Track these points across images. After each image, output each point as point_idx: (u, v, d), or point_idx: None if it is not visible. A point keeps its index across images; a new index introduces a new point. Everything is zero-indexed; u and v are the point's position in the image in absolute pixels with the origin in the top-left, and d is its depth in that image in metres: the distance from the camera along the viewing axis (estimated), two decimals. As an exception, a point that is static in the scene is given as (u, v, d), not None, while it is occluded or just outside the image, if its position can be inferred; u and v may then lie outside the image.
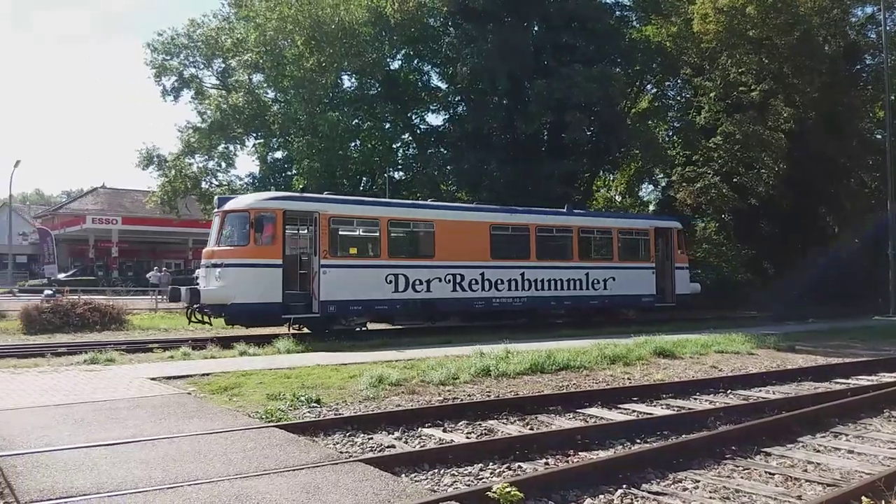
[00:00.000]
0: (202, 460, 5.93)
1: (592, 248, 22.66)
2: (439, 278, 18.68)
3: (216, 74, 36.18)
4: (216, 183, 35.38)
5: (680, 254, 23.76)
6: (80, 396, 8.94)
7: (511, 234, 20.91)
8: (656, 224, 24.04)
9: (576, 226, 21.81)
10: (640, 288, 22.66)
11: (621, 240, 22.77)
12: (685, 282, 23.70)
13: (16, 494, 5.05)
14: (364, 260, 18.21)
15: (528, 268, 20.39)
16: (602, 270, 21.91)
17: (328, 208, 17.49)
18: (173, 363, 12.29)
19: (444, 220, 19.37)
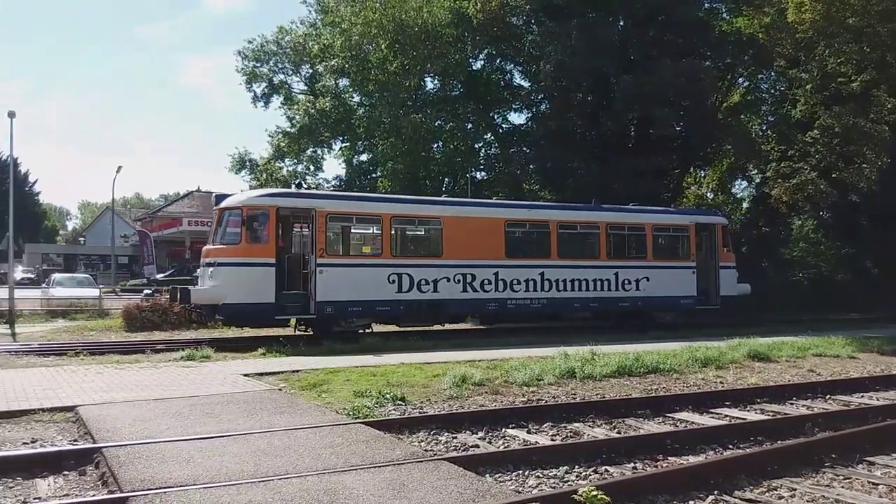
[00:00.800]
0: (292, 455, 6.09)
1: (623, 245, 21.14)
2: (447, 278, 17.71)
3: (304, 80, 37.16)
4: (305, 186, 36.31)
5: (726, 251, 21.98)
6: (177, 391, 9.35)
7: (529, 230, 20.02)
8: (698, 219, 22.18)
9: (603, 222, 20.27)
10: (679, 289, 20.90)
11: (657, 237, 21.21)
12: (732, 282, 21.82)
13: (119, 483, 5.32)
14: (364, 259, 17.64)
15: (549, 267, 19.11)
16: (634, 270, 20.36)
17: (325, 205, 16.86)
18: (265, 360, 12.69)
19: (453, 216, 18.30)
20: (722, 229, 22.08)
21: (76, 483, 5.81)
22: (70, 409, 8.19)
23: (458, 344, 15.45)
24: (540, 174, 31.34)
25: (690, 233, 21.47)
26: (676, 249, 21.83)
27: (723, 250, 21.79)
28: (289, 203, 16.83)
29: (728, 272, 21.84)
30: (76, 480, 5.88)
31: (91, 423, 7.34)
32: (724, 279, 21.60)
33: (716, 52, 29.92)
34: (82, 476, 5.96)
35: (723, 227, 22.20)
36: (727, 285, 21.63)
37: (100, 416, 7.71)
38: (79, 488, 5.67)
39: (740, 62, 31.19)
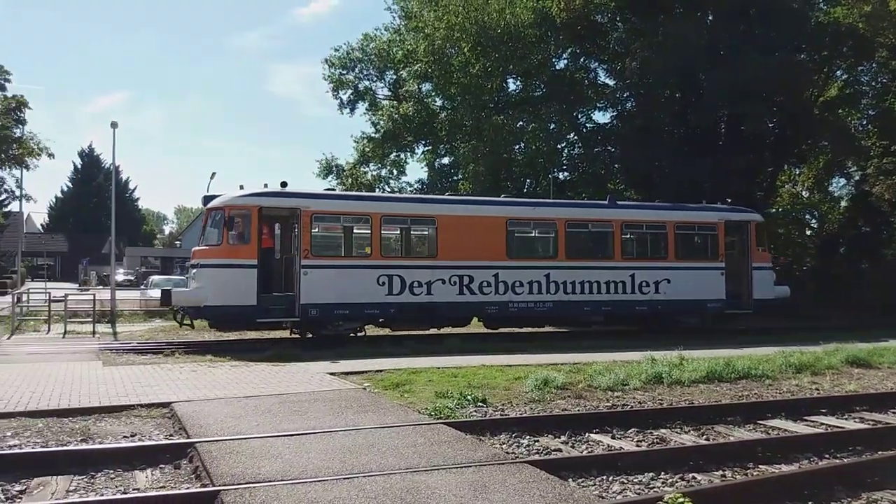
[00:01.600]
0: (376, 453, 6.18)
1: (640, 244, 20.17)
2: (442, 280, 16.93)
3: (388, 86, 37.71)
4: (388, 189, 36.89)
5: (760, 251, 20.33)
6: (266, 389, 9.65)
7: (533, 230, 19.20)
8: (727, 216, 20.37)
9: (617, 220, 19.07)
10: (705, 291, 19.36)
11: (679, 235, 19.66)
12: (767, 284, 20.11)
13: (211, 477, 5.53)
14: (352, 260, 17.11)
15: (555, 268, 18.09)
16: (653, 271, 19.04)
17: (310, 204, 16.30)
18: (350, 360, 12.91)
19: (449, 215, 17.53)
20: (756, 227, 20.44)
21: (171, 476, 6.08)
22: (166, 406, 8.58)
23: (541, 347, 15.32)
24: (625, 174, 30.75)
25: (719, 231, 19.90)
26: (703, 249, 20.26)
27: (756, 250, 20.16)
28: (272, 203, 16.30)
29: (763, 273, 20.15)
30: (171, 473, 6.15)
31: (185, 419, 7.66)
32: (757, 281, 19.92)
33: (811, 44, 28.59)
34: (177, 469, 6.23)
35: (757, 225, 20.55)
36: (762, 287, 19.93)
37: (193, 412, 8.04)
38: (174, 481, 5.92)
39: (838, 54, 29.70)
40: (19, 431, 7.43)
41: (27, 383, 10.15)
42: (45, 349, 15.40)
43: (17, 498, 5.47)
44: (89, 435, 7.33)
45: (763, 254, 20.46)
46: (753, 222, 20.45)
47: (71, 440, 7.13)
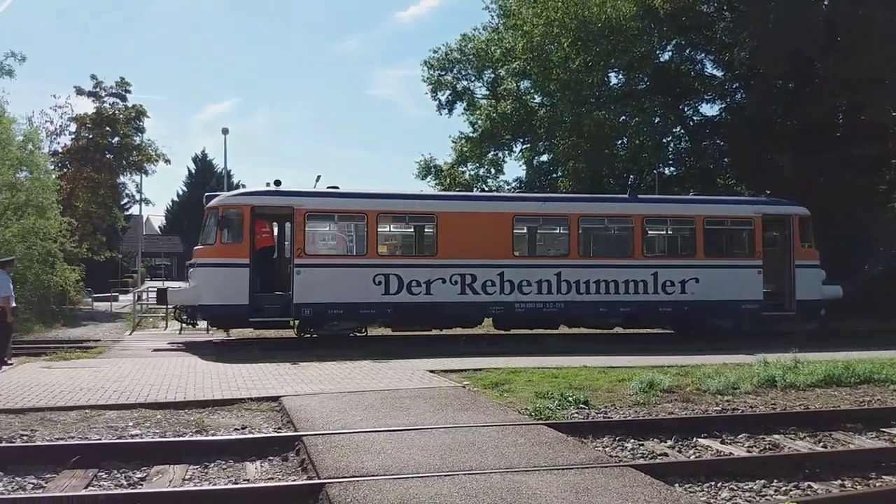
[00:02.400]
0: (475, 451, 6.18)
1: (664, 241, 18.86)
2: (442, 279, 16.26)
3: (486, 85, 37.72)
4: (486, 189, 36.90)
5: (805, 248, 18.37)
6: (368, 385, 9.84)
7: (542, 226, 18.16)
8: (765, 210, 18.45)
9: (638, 214, 17.61)
10: (739, 291, 17.67)
11: (709, 231, 18.10)
12: (813, 284, 18.10)
13: (317, 470, 5.69)
14: (346, 258, 16.73)
15: (567, 266, 17.00)
16: (678, 269, 17.54)
17: (304, 202, 16.11)
18: (449, 358, 12.99)
19: (450, 211, 16.83)
20: (799, 221, 18.42)
21: (279, 468, 6.29)
22: (274, 399, 8.90)
23: (643, 349, 14.94)
24: (735, 168, 29.50)
25: (755, 225, 18.11)
26: (736, 245, 18.78)
27: (800, 246, 18.26)
28: (265, 201, 16.24)
29: (808, 272, 18.14)
30: (279, 465, 6.36)
31: (293, 413, 7.92)
32: (801, 280, 18.02)
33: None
34: (285, 462, 6.44)
35: (800, 219, 18.48)
36: (806, 287, 18.00)
37: (300, 406, 8.30)
38: (282, 473, 6.13)
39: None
40: (140, 422, 7.90)
41: (147, 377, 10.78)
42: (163, 345, 16.30)
43: (137, 484, 5.81)
44: (203, 426, 7.70)
45: (808, 250, 18.44)
46: (797, 216, 18.44)
47: (186, 431, 7.52)
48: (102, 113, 37.94)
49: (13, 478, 5.92)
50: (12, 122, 31.88)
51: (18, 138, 31.69)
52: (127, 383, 10.10)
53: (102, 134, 37.55)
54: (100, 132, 37.49)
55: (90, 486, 5.70)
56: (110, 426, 7.69)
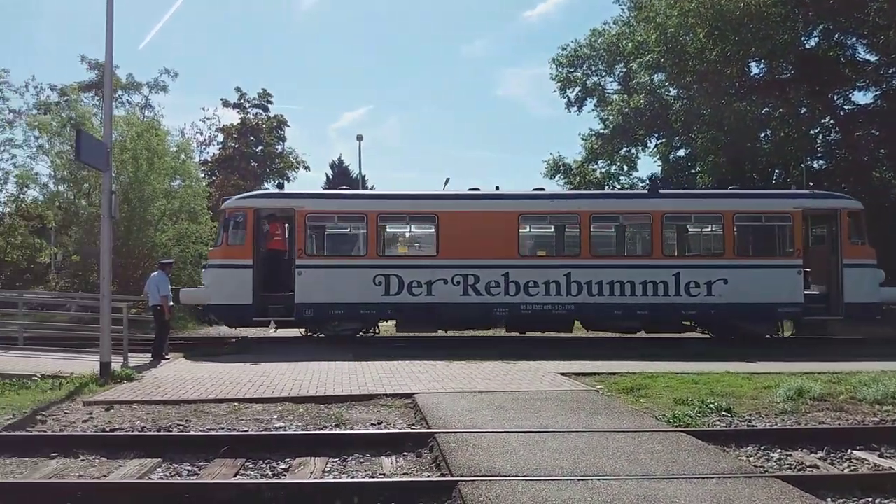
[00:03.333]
0: (610, 456, 6.04)
1: (687, 239, 17.54)
2: (444, 280, 15.90)
3: (617, 80, 36.87)
4: (618, 186, 36.06)
5: (856, 245, 16.40)
6: (499, 385, 9.85)
7: (550, 224, 17.18)
8: (806, 204, 16.71)
9: (657, 211, 16.38)
10: (775, 294, 16.05)
11: (741, 227, 16.69)
12: (867, 285, 16.19)
13: (450, 468, 5.75)
14: (346, 259, 16.61)
15: (577, 266, 16.15)
16: (704, 270, 16.22)
17: (305, 204, 16.32)
18: (582, 361, 12.78)
19: (452, 211, 16.33)
20: (848, 216, 16.57)
21: (413, 464, 6.41)
22: (408, 396, 9.10)
23: (792, 354, 14.05)
24: (893, 160, 27.18)
25: (794, 221, 16.42)
26: (772, 243, 17.16)
27: (848, 243, 16.37)
28: (268, 204, 16.65)
29: (858, 272, 16.24)
30: (413, 461, 6.49)
31: (426, 410, 8.06)
32: (850, 281, 16.18)
33: None
34: (419, 458, 6.56)
35: (850, 213, 16.63)
36: (856, 289, 16.15)
37: (433, 403, 8.43)
38: (416, 469, 6.25)
39: None
40: (284, 415, 8.31)
41: (290, 372, 11.32)
42: (305, 342, 17.04)
43: (282, 475, 6.10)
44: (342, 421, 7.99)
45: (860, 248, 16.45)
46: (845, 210, 16.59)
47: (326, 425, 7.83)
48: (247, 123, 40.38)
49: (170, 464, 6.39)
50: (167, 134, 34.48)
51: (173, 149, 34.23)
52: (272, 378, 10.66)
53: (247, 143, 39.96)
54: (244, 141, 39.91)
55: (239, 475, 6.05)
56: (256, 418, 8.14)
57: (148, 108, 40.26)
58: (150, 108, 40.34)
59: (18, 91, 35.57)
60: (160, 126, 34.36)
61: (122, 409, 8.68)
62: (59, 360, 12.35)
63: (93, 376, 10.47)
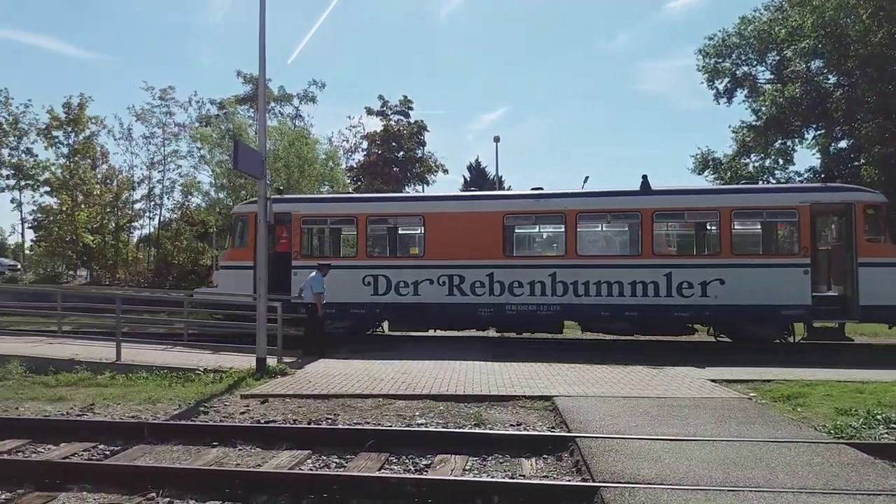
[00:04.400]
0: (764, 468, 5.70)
1: (680, 237, 17.01)
2: (430, 280, 15.97)
3: (770, 68, 34.80)
4: (773, 181, 34.01)
5: (873, 242, 14.86)
6: (643, 391, 9.55)
7: (536, 224, 16.86)
8: (815, 198, 15.31)
9: (647, 209, 15.60)
10: (779, 295, 14.86)
11: (740, 224, 15.72)
12: (884, 286, 14.54)
13: (591, 473, 5.64)
14: (337, 260, 16.91)
15: (563, 266, 15.75)
16: (697, 269, 15.31)
17: (300, 208, 17.01)
18: (733, 367, 12.15)
19: (438, 212, 16.46)
20: (863, 210, 15.02)
21: (553, 467, 6.35)
22: (547, 399, 9.02)
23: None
24: None
25: (801, 217, 15.13)
26: (775, 241, 16.35)
27: (864, 240, 14.87)
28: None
29: (876, 272, 14.68)
30: (553, 464, 6.42)
31: (566, 414, 7.96)
32: (866, 282, 14.68)
33: None
34: (559, 461, 6.49)
35: (867, 207, 15.08)
36: (873, 290, 14.62)
37: (573, 407, 8.31)
38: (556, 472, 6.18)
39: None
40: (425, 412, 8.49)
41: (431, 371, 11.55)
42: (445, 342, 17.32)
43: (423, 471, 6.23)
44: (481, 420, 8.05)
45: (880, 245, 14.90)
46: (860, 204, 15.07)
47: (466, 423, 7.91)
48: (389, 130, 41.67)
49: (319, 456, 6.70)
50: (316, 142, 36.26)
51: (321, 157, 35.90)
52: (413, 376, 10.92)
53: (389, 149, 41.25)
54: (387, 147, 41.21)
55: (383, 469, 6.24)
56: (399, 414, 8.37)
57: (298, 118, 42.59)
58: (301, 118, 42.67)
59: (182, 106, 38.74)
60: (310, 135, 36.27)
61: (275, 402, 9.21)
62: (219, 355, 13.28)
63: (249, 371, 11.18)
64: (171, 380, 10.90)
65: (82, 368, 11.71)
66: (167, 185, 38.34)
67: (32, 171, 35.15)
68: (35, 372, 11.63)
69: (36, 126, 34.81)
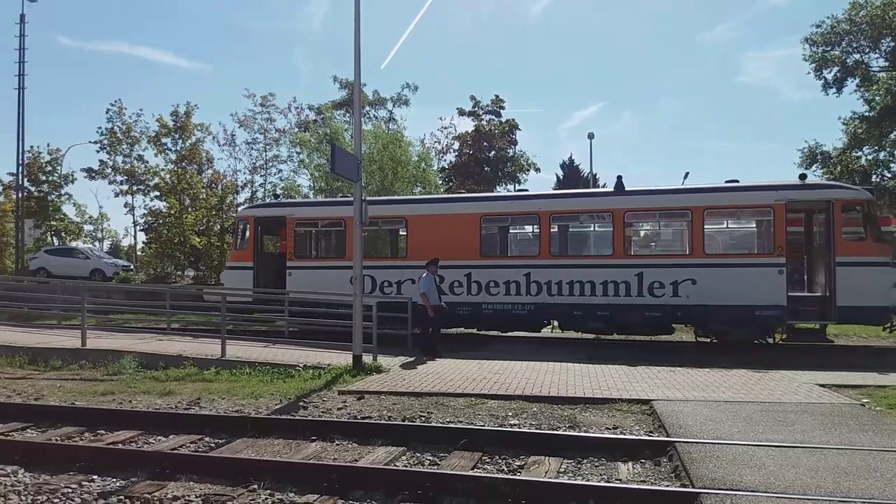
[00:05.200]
0: (878, 478, 5.38)
1: (651, 237, 17.42)
2: (412, 280, 16.09)
3: (884, 55, 32.77)
4: (888, 175, 32.05)
5: (855, 241, 14.52)
6: (746, 395, 9.17)
7: (511, 225, 17.04)
8: (790, 196, 14.84)
9: (619, 209, 15.60)
10: (752, 295, 14.49)
11: (713, 223, 15.50)
12: (864, 286, 14.03)
13: (691, 479, 5.47)
14: (327, 261, 17.95)
15: (536, 267, 15.94)
16: (669, 269, 15.16)
17: (294, 212, 18.17)
18: (843, 372, 11.52)
19: (420, 214, 17.17)
20: (842, 207, 14.53)
21: (651, 472, 6.19)
22: (645, 403, 8.80)
23: None
24: None
25: (776, 215, 14.73)
26: (749, 240, 16.12)
27: (841, 239, 14.42)
28: (266, 213, 18.79)
29: (854, 271, 14.19)
30: (651, 469, 6.26)
31: (664, 418, 7.74)
32: (844, 282, 14.19)
33: None
34: (657, 466, 6.32)
35: (846, 205, 14.63)
36: (851, 290, 14.12)
37: (672, 411, 8.08)
38: (654, 477, 6.02)
39: None
40: (518, 413, 8.45)
41: (524, 371, 11.50)
42: (535, 342, 17.21)
43: (517, 472, 6.21)
44: (576, 423, 7.94)
45: (862, 244, 14.41)
46: (839, 201, 14.55)
47: (560, 425, 7.82)
48: (480, 130, 41.72)
49: (414, 453, 6.78)
50: (409, 144, 36.76)
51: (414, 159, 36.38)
52: (506, 376, 10.90)
53: (480, 149, 41.30)
54: (478, 147, 41.28)
55: (476, 468, 6.26)
56: (492, 414, 8.36)
57: (392, 121, 43.29)
58: (394, 120, 43.38)
59: (282, 112, 40.07)
60: (403, 138, 36.81)
61: (371, 398, 9.39)
62: (317, 352, 13.65)
63: (346, 368, 11.45)
64: (273, 375, 11.30)
65: (189, 364, 12.31)
66: (269, 189, 39.78)
67: (144, 177, 37.19)
68: (146, 367, 12.33)
69: (147, 134, 36.84)
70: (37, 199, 39.71)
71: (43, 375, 12.12)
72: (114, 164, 37.00)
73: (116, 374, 11.94)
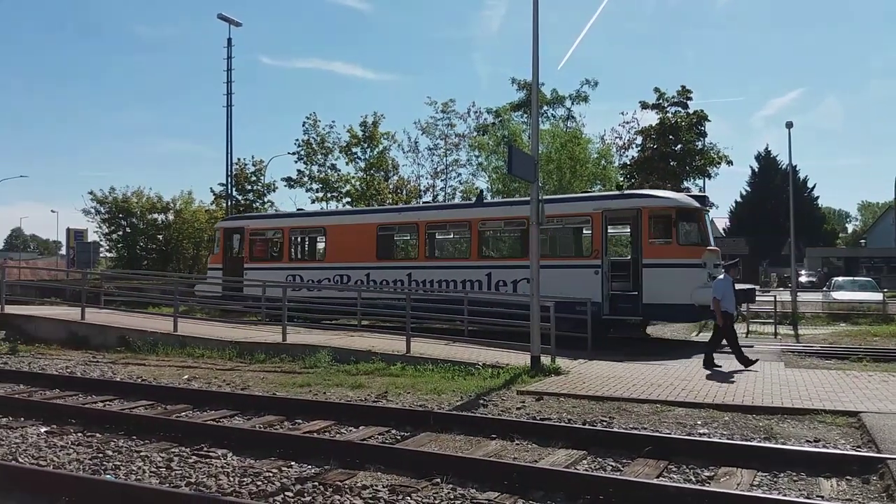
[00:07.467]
0: None
1: (498, 242, 19.88)
2: (329, 279, 19.87)
3: None
4: None
5: (661, 244, 15.73)
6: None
7: (398, 233, 20.39)
8: (606, 205, 16.49)
9: (475, 219, 18.33)
10: (574, 293, 15.48)
11: (543, 231, 14.67)
12: (672, 286, 15.08)
13: None
14: (270, 263, 21.84)
15: (416, 268, 18.88)
16: (509, 270, 17.42)
17: (250, 224, 22.89)
18: None
19: (334, 224, 21.09)
20: (649, 214, 15.91)
21: (858, 490, 5.63)
22: (852, 415, 8.02)
23: None
24: None
25: (594, 223, 16.52)
26: (573, 244, 18.08)
27: (647, 243, 15.77)
28: (231, 224, 23.63)
29: (658, 272, 15.49)
30: (858, 487, 5.70)
31: (875, 432, 7.03)
32: (649, 281, 15.51)
33: None
34: (865, 485, 5.74)
35: (653, 212, 15.98)
36: (656, 290, 15.37)
37: (885, 425, 7.31)
38: (861, 496, 5.47)
39: None
40: (708, 421, 8.02)
41: (714, 378, 10.91)
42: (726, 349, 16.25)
43: (705, 482, 5.88)
44: (772, 434, 7.40)
45: (668, 247, 15.72)
46: (646, 209, 16.06)
47: (754, 436, 7.33)
48: (665, 123, 40.09)
49: (595, 458, 6.64)
50: (588, 142, 36.18)
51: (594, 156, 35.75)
52: (694, 384, 10.39)
53: (666, 142, 39.66)
54: (663, 141, 39.69)
55: (661, 477, 6.01)
56: (679, 422, 8.00)
57: (570, 119, 42.81)
58: (573, 118, 42.85)
59: (462, 117, 41.01)
60: (582, 135, 36.30)
61: (550, 400, 9.33)
62: (495, 351, 13.79)
63: (524, 368, 11.46)
64: (454, 373, 11.58)
65: (377, 359, 12.92)
66: (449, 193, 40.89)
67: (336, 185, 39.62)
68: (339, 361, 13.09)
69: (338, 144, 39.21)
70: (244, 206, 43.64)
71: (248, 367, 13.25)
72: (310, 173, 39.70)
73: (312, 367, 12.79)
